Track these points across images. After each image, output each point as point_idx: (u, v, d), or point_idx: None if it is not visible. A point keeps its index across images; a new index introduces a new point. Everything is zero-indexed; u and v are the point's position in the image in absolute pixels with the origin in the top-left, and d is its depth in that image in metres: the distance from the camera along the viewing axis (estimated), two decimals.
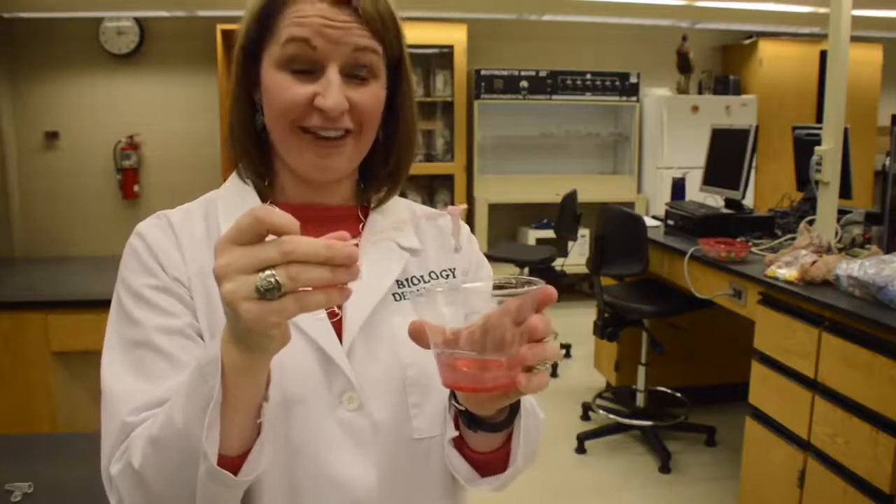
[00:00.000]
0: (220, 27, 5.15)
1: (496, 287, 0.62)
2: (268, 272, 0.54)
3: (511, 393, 0.65)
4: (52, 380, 2.45)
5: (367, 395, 0.78)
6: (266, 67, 0.79)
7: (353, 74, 0.78)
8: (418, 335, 0.66)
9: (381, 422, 0.79)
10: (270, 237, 0.56)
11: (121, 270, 0.81)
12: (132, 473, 0.67)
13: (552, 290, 0.62)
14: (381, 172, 0.89)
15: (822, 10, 4.88)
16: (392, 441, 0.79)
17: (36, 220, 5.48)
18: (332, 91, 0.75)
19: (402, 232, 0.87)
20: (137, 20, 5.37)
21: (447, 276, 0.88)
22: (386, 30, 0.79)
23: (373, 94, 0.79)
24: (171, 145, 5.55)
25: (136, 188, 5.51)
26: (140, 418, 0.70)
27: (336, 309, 0.81)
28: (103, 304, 0.80)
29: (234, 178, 0.88)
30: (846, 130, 2.81)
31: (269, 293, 0.54)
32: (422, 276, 0.87)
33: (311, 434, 0.76)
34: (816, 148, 2.75)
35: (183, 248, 0.80)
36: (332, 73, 0.76)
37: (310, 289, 0.56)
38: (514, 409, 0.74)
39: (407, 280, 0.86)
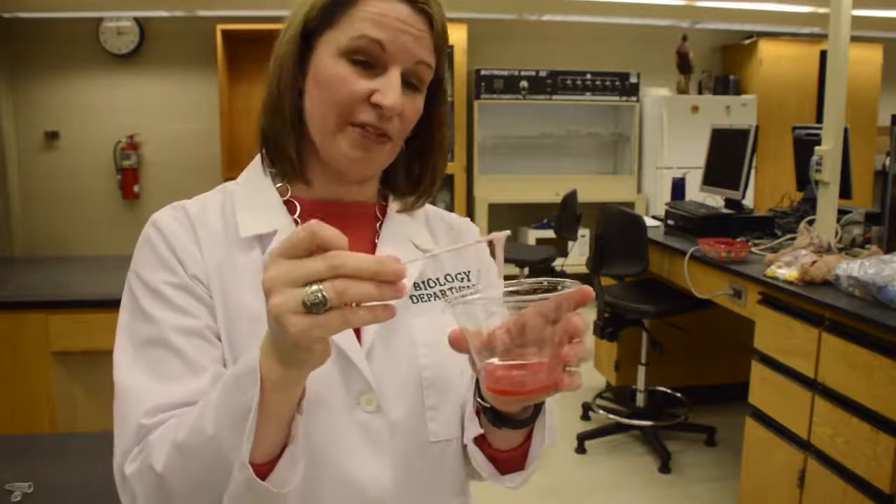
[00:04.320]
0: (220, 27, 5.14)
1: (532, 291, 0.62)
2: (315, 287, 0.54)
3: (549, 392, 0.66)
4: (52, 380, 2.44)
5: (385, 396, 0.79)
6: (324, 54, 0.77)
7: (408, 82, 0.78)
8: (459, 344, 0.65)
9: (397, 423, 0.79)
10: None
11: (135, 263, 0.79)
12: (153, 476, 0.68)
13: (589, 290, 0.62)
14: (405, 179, 0.89)
15: (822, 10, 4.89)
16: (408, 443, 0.80)
17: (36, 220, 5.48)
18: (392, 91, 0.75)
19: (418, 261, 0.85)
20: (137, 20, 5.37)
21: (462, 278, 0.89)
22: (444, 48, 0.81)
23: (418, 106, 0.80)
24: (171, 145, 5.55)
25: (136, 188, 5.52)
26: (156, 420, 0.70)
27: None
28: (103, 305, 0.81)
29: (253, 169, 0.86)
30: (846, 130, 2.81)
31: (315, 307, 0.54)
32: (437, 279, 0.87)
33: (328, 434, 0.77)
34: (816, 148, 2.74)
35: (201, 243, 0.79)
36: (395, 74, 0.76)
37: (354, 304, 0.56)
38: (539, 405, 0.74)
39: (423, 282, 0.86)
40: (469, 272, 0.90)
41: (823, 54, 5.81)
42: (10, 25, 5.18)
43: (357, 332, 0.79)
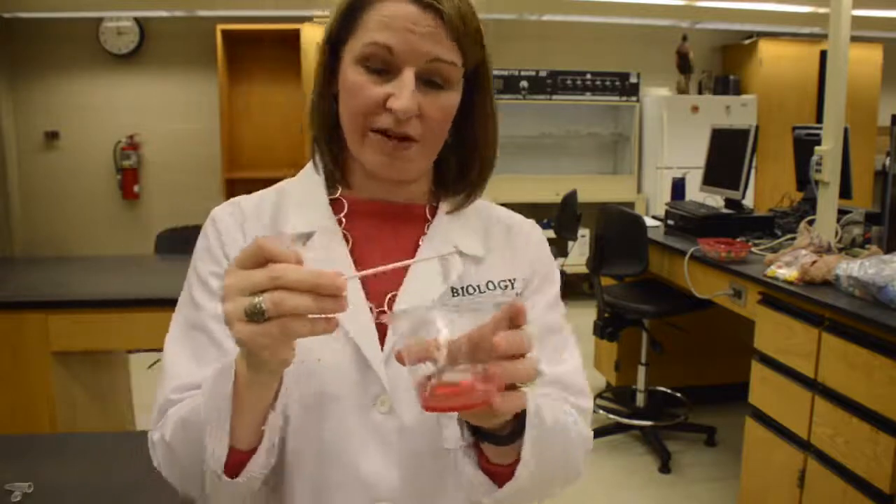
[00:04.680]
0: (220, 27, 5.14)
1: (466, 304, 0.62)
2: (258, 298, 0.57)
3: (483, 411, 0.63)
4: (52, 380, 2.44)
5: (400, 399, 0.79)
6: (346, 62, 0.79)
7: (429, 81, 0.78)
8: (401, 359, 0.65)
9: (409, 426, 0.80)
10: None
11: (194, 254, 0.86)
12: (165, 445, 0.77)
13: (519, 307, 0.61)
14: (452, 177, 0.89)
15: (822, 10, 4.89)
16: (419, 446, 0.80)
17: (36, 220, 5.48)
18: (404, 94, 0.75)
19: (448, 259, 0.85)
20: (137, 20, 5.37)
21: (505, 286, 0.87)
22: (467, 38, 0.79)
23: (443, 104, 0.79)
24: (171, 145, 5.54)
25: (136, 188, 5.50)
26: (180, 397, 0.78)
27: (387, 310, 0.82)
28: (103, 305, 0.83)
29: (308, 168, 0.89)
30: (846, 130, 2.81)
31: (254, 317, 0.57)
32: (478, 286, 0.85)
33: (341, 431, 0.79)
34: (816, 148, 2.74)
35: (248, 238, 0.84)
36: (408, 77, 0.76)
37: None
38: (522, 420, 0.70)
39: (462, 289, 0.84)
40: (514, 280, 0.87)
41: (823, 54, 5.81)
42: (10, 25, 5.18)
43: (381, 335, 0.80)
